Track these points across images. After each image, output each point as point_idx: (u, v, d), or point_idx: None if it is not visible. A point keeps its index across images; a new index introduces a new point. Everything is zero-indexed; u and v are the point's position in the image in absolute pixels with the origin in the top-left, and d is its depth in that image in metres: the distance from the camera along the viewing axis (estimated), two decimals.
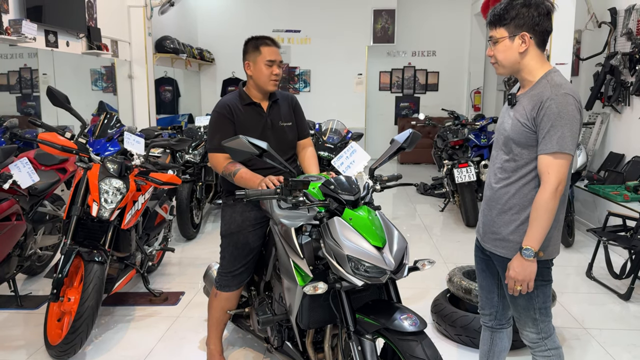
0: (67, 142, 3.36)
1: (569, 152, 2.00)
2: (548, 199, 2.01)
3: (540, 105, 2.00)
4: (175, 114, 8.98)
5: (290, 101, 3.00)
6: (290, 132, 2.92)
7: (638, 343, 3.51)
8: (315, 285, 2.09)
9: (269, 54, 2.81)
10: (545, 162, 2.02)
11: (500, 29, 2.10)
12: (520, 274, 2.08)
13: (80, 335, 3.04)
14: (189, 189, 5.38)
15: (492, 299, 2.46)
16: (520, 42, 2.07)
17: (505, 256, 2.19)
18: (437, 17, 11.04)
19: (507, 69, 2.15)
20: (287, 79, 10.71)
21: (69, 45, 5.72)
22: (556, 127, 1.98)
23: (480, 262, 2.45)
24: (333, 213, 2.19)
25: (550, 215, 2.03)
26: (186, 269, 4.76)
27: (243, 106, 2.83)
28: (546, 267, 2.19)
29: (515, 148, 2.12)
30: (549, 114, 1.99)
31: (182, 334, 3.53)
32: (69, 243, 3.21)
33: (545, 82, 2.06)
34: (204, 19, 10.47)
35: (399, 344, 2.03)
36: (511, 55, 2.11)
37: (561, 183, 2.01)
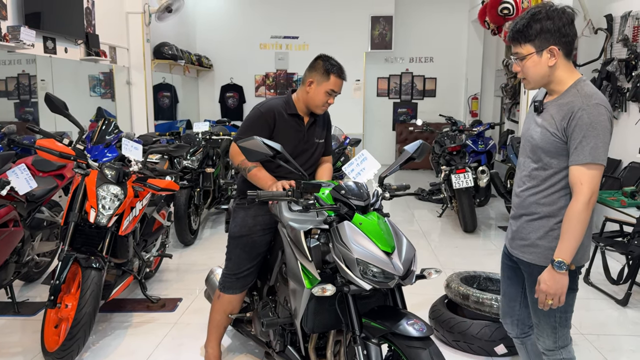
0: (65, 148, 3.36)
1: (602, 163, 1.98)
2: (581, 210, 1.99)
3: (572, 115, 1.98)
4: (174, 120, 8.99)
5: (325, 119, 3.07)
6: (319, 149, 3.00)
7: (636, 348, 3.51)
8: (324, 287, 2.12)
9: (334, 84, 2.83)
10: (577, 173, 2.00)
11: (526, 46, 2.06)
12: (552, 288, 2.04)
13: (77, 342, 3.03)
14: (186, 195, 5.38)
15: (514, 307, 2.43)
16: (549, 56, 2.04)
17: (533, 262, 2.17)
18: (434, 24, 11.08)
19: (537, 84, 2.13)
20: (285, 85, 10.73)
21: (67, 51, 5.73)
22: (588, 138, 1.96)
23: (507, 269, 2.42)
24: (343, 217, 2.21)
25: (583, 226, 2.01)
26: (184, 275, 4.76)
27: (287, 115, 2.87)
28: (573, 274, 2.15)
29: (545, 157, 2.10)
30: (581, 125, 1.97)
31: (180, 341, 3.52)
32: (66, 249, 3.21)
33: (575, 91, 2.03)
34: (202, 26, 10.49)
35: (406, 349, 2.04)
36: (541, 70, 2.07)
37: (594, 194, 2.00)
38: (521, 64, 2.10)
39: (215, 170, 6.09)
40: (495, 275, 3.75)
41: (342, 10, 10.42)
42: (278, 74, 10.72)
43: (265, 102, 2.91)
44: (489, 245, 5.74)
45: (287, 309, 2.55)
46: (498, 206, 7.53)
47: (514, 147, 6.52)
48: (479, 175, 6.42)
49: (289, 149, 2.66)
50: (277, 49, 10.66)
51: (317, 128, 2.99)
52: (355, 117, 10.66)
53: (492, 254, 5.40)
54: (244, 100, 10.70)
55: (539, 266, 2.14)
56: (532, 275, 2.19)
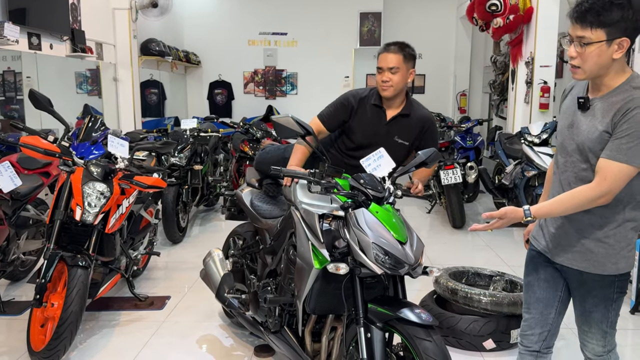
0: (50, 145, 3.33)
1: (636, 167, 1.85)
2: (589, 200, 1.89)
3: (626, 111, 1.82)
4: (161, 117, 8.93)
5: (423, 124, 2.98)
6: (402, 150, 2.94)
7: (623, 342, 3.54)
8: (338, 265, 2.22)
9: (379, 61, 2.88)
10: (606, 166, 1.86)
11: (598, 31, 1.81)
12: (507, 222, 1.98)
13: (63, 341, 3.00)
14: (174, 193, 5.35)
15: (549, 316, 2.23)
16: (617, 48, 1.83)
17: (587, 270, 2.03)
18: (423, 20, 11.09)
19: (591, 75, 1.91)
20: (274, 81, 10.70)
21: (52, 47, 5.66)
22: (632, 137, 1.81)
23: (543, 270, 2.21)
24: (359, 205, 2.31)
25: (576, 210, 1.93)
26: (172, 273, 4.73)
27: (370, 104, 2.93)
28: (625, 279, 2.08)
29: (593, 158, 1.93)
30: (631, 122, 1.81)
31: (169, 339, 3.50)
32: (52, 248, 3.17)
33: (630, 87, 1.87)
34: (190, 22, 10.42)
35: (411, 338, 2.12)
36: (604, 61, 1.85)
37: (610, 194, 1.88)
38: (583, 50, 1.85)
39: (204, 167, 6.06)
40: (484, 270, 3.77)
41: (330, 6, 10.39)
42: (267, 70, 10.68)
43: (358, 90, 3.04)
44: (477, 241, 5.77)
45: (290, 290, 2.62)
46: (486, 202, 7.57)
47: (502, 143, 6.55)
48: (467, 171, 6.44)
49: (359, 136, 2.91)
50: (265, 45, 10.61)
51: (403, 126, 2.92)
52: None
53: (480, 250, 5.42)
54: (233, 97, 10.66)
55: (595, 274, 2.03)
56: (585, 284, 2.07)
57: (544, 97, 6.72)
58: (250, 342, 3.42)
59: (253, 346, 3.35)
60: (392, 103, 2.96)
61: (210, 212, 6.94)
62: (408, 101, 2.99)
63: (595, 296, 2.07)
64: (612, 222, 1.98)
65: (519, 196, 5.83)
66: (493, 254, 5.28)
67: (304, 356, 2.63)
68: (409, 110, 2.96)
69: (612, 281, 2.04)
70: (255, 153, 6.83)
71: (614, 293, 2.05)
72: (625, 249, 2.01)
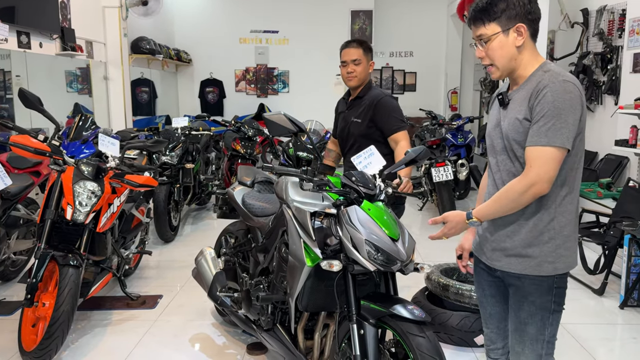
0: (40, 144, 3.31)
1: (560, 145, 1.76)
2: (519, 193, 1.81)
3: (537, 93, 1.79)
4: (152, 116, 8.89)
5: (372, 101, 3.24)
6: (357, 127, 3.24)
7: (612, 337, 3.58)
8: (331, 262, 2.25)
9: (342, 55, 3.27)
10: (530, 155, 1.80)
11: (491, 25, 1.87)
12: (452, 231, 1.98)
13: (55, 341, 2.99)
14: (166, 191, 5.33)
15: (506, 328, 2.13)
16: (516, 35, 1.86)
17: (524, 272, 1.91)
18: (414, 18, 11.11)
19: (504, 69, 1.91)
20: (266, 79, 10.68)
21: (42, 46, 5.62)
22: (547, 117, 1.75)
23: (488, 286, 2.12)
24: (351, 203, 2.33)
25: (514, 207, 1.85)
26: (164, 272, 4.72)
27: (342, 99, 3.49)
28: (562, 286, 1.95)
29: (519, 149, 1.87)
30: (543, 103, 1.76)
31: (161, 338, 3.50)
32: (43, 247, 3.16)
33: (542, 72, 1.85)
34: (181, 20, 10.38)
35: (404, 334, 2.15)
36: (508, 52, 1.87)
37: (541, 182, 1.78)
38: (485, 47, 1.90)
39: (195, 165, 6.05)
40: None
41: (322, 4, 10.39)
42: (258, 68, 10.66)
43: None
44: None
45: (282, 288, 2.63)
46: None
47: None
48: (458, 168, 6.47)
49: (339, 127, 3.41)
50: (257, 43, 10.59)
51: (357, 107, 3.28)
52: None
53: None
54: (224, 95, 10.63)
55: (532, 277, 1.91)
56: (522, 289, 1.94)
57: None
58: (243, 340, 3.43)
59: (245, 344, 3.35)
60: (355, 92, 3.32)
61: (202, 211, 6.93)
62: (365, 86, 3.29)
63: (532, 303, 1.92)
64: (544, 217, 1.88)
65: None
66: None
67: (296, 353, 2.64)
68: (363, 93, 3.28)
69: (550, 286, 1.91)
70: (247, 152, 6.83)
71: (552, 302, 1.92)
72: (562, 247, 1.89)
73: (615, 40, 5.76)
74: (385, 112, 3.19)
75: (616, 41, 5.75)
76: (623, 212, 4.35)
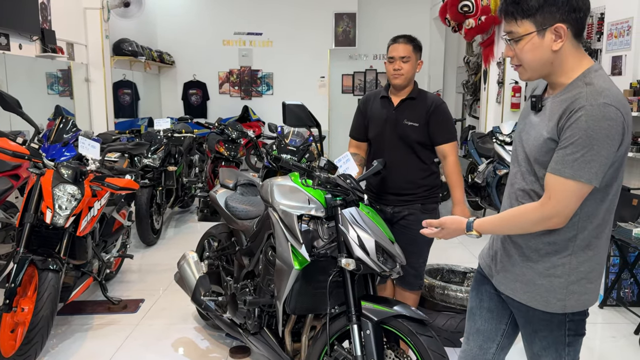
0: (19, 147, 3.27)
1: (586, 182, 1.51)
2: (533, 223, 1.60)
3: (570, 113, 1.52)
4: (135, 118, 8.82)
5: (432, 105, 2.99)
6: (413, 132, 2.95)
7: (592, 336, 3.63)
8: (347, 261, 2.25)
9: (390, 51, 3.02)
10: (551, 183, 1.56)
11: (525, 23, 1.57)
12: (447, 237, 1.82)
13: (34, 346, 2.95)
14: (148, 194, 5.29)
15: (488, 350, 1.91)
16: (554, 38, 1.56)
17: (528, 304, 1.70)
18: (397, 21, 11.16)
19: (535, 73, 1.63)
20: (250, 82, 10.66)
21: (21, 48, 5.55)
22: (578, 146, 1.49)
23: (489, 298, 1.89)
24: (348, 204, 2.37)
25: (520, 232, 1.67)
26: (146, 275, 4.68)
27: (379, 98, 3.07)
28: (582, 317, 1.72)
29: (540, 170, 1.62)
30: (575, 128, 1.49)
31: (142, 342, 3.47)
32: (22, 251, 3.11)
33: (582, 84, 1.55)
34: (163, 21, 10.32)
35: (411, 331, 2.18)
36: (542, 56, 1.58)
37: (559, 216, 1.56)
38: (515, 47, 1.62)
39: (178, 168, 6.01)
40: (458, 267, 3.82)
41: (305, 7, 10.40)
42: (242, 70, 10.64)
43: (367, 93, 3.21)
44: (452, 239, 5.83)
45: (269, 291, 2.63)
46: None
47: (475, 143, 6.64)
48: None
49: (372, 130, 3.04)
50: (240, 45, 10.57)
51: (409, 109, 2.97)
52: (321, 113, 10.66)
53: (454, 247, 5.49)
54: (208, 97, 10.59)
55: (540, 311, 1.70)
56: (532, 322, 1.73)
57: (515, 97, 6.84)
58: (227, 343, 3.41)
59: (229, 347, 3.34)
60: (400, 92, 3.03)
61: (185, 214, 6.89)
62: (415, 87, 3.07)
63: (544, 338, 1.72)
64: (561, 250, 1.65)
65: (491, 194, 5.93)
66: (467, 251, 5.35)
67: (284, 356, 2.64)
68: (415, 94, 3.02)
69: (561, 321, 1.69)
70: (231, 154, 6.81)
71: (566, 336, 1.70)
72: (575, 284, 1.66)
73: (594, 43, 5.84)
74: (442, 119, 2.98)
75: (595, 44, 5.83)
76: None
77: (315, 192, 2.44)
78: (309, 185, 2.43)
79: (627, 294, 4.01)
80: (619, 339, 3.54)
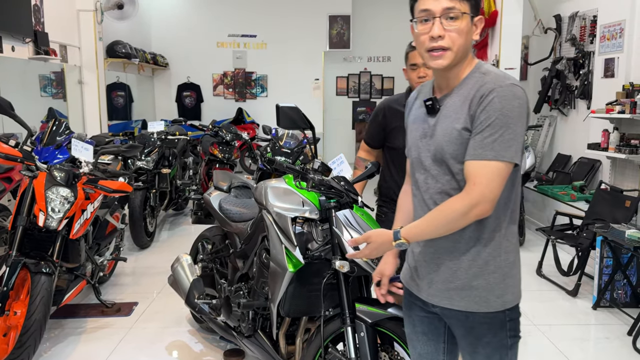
0: (11, 150, 3.25)
1: (509, 160, 1.51)
2: (461, 213, 1.52)
3: (481, 98, 1.52)
4: (129, 120, 8.80)
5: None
6: None
7: (585, 337, 3.64)
8: (342, 263, 2.24)
9: (412, 58, 2.78)
10: (473, 170, 1.52)
11: (465, 3, 1.55)
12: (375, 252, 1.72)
13: (27, 350, 2.93)
14: (142, 197, 5.27)
15: None
16: (475, 29, 1.60)
17: (468, 309, 1.62)
18: (391, 23, 11.19)
19: (455, 59, 1.58)
20: (244, 84, 10.65)
21: (14, 50, 5.52)
22: (495, 127, 1.50)
23: (420, 322, 1.79)
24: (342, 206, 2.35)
25: (452, 229, 1.57)
26: (140, 278, 4.66)
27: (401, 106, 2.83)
28: (515, 317, 1.67)
29: (455, 165, 1.58)
30: (489, 110, 1.50)
31: (136, 345, 3.45)
32: (14, 254, 3.10)
33: (479, 74, 1.59)
34: (157, 23, 10.30)
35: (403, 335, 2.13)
36: (467, 41, 1.58)
37: (485, 202, 1.51)
38: (452, 25, 1.55)
39: (172, 170, 5.99)
40: None
41: (300, 9, 10.41)
42: (236, 72, 10.63)
43: (382, 101, 2.99)
44: None
45: (264, 294, 2.63)
46: None
47: None
48: None
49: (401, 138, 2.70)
50: (235, 47, 10.56)
51: None
52: (315, 115, 10.66)
53: None
54: (202, 100, 10.57)
55: (481, 314, 1.62)
56: (473, 330, 1.65)
57: None
58: (222, 346, 3.40)
59: (223, 350, 3.33)
60: None
61: (179, 216, 6.87)
62: None
63: (488, 344, 1.64)
64: (488, 243, 1.60)
65: None
66: None
67: (278, 359, 2.64)
68: None
69: (502, 321, 1.64)
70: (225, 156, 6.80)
71: (508, 337, 1.64)
72: (509, 276, 1.62)
73: (587, 45, 5.88)
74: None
75: (588, 47, 5.87)
76: (595, 214, 4.44)
77: (309, 195, 2.44)
78: (303, 188, 2.43)
79: (620, 295, 4.02)
80: (613, 340, 3.55)
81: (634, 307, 3.92)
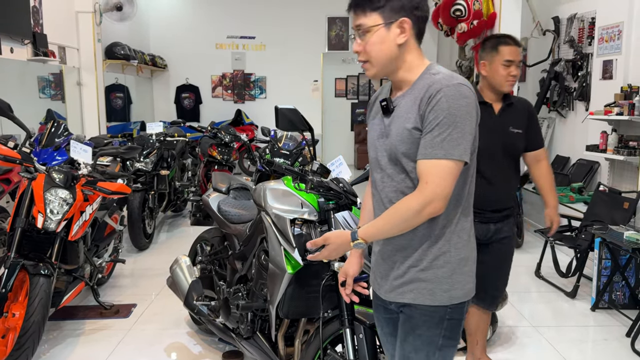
0: (10, 151, 3.25)
1: (458, 159, 1.55)
2: (416, 211, 1.56)
3: (430, 98, 1.56)
4: (127, 122, 8.80)
5: (527, 108, 2.81)
6: (519, 140, 2.75)
7: (584, 339, 3.65)
8: (340, 265, 2.24)
9: (508, 53, 2.66)
10: (424, 169, 1.57)
11: (373, 15, 1.61)
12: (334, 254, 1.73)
13: (25, 352, 2.93)
14: (140, 198, 5.27)
15: None
16: (399, 32, 1.61)
17: (415, 302, 1.66)
18: None
19: (381, 68, 1.65)
20: (243, 85, 10.66)
21: (13, 51, 5.52)
22: (443, 126, 1.54)
23: (386, 324, 1.85)
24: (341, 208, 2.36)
25: (407, 227, 1.60)
26: (138, 280, 4.66)
27: None
28: (457, 317, 1.69)
29: (408, 163, 1.62)
30: (437, 110, 1.54)
31: (135, 347, 3.45)
32: (13, 256, 3.09)
33: (429, 75, 1.62)
34: (156, 25, 10.31)
35: None
36: (388, 49, 1.62)
37: (438, 199, 1.55)
38: (364, 40, 1.63)
39: (171, 172, 5.99)
40: None
41: (298, 11, 10.43)
42: (235, 74, 10.64)
43: None
44: None
45: (262, 295, 2.63)
46: None
47: None
48: None
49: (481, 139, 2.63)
50: (233, 49, 10.58)
51: (514, 115, 2.73)
52: (314, 117, 10.67)
53: None
54: (201, 101, 10.58)
55: (424, 307, 1.66)
56: (411, 319, 1.68)
57: None
58: (220, 348, 3.40)
59: (221, 352, 3.32)
60: (498, 97, 2.77)
61: (178, 218, 6.87)
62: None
63: (419, 337, 1.67)
64: (439, 239, 1.65)
65: None
66: None
67: None
68: (514, 98, 2.81)
69: (441, 317, 1.66)
70: (224, 158, 6.80)
71: (441, 337, 1.67)
72: (457, 271, 1.66)
73: (586, 47, 5.89)
74: (537, 121, 2.81)
75: (586, 48, 5.88)
76: (594, 216, 4.45)
77: (308, 196, 2.44)
78: (302, 189, 2.43)
79: (619, 297, 4.03)
80: (611, 341, 3.55)
81: (633, 308, 3.93)
